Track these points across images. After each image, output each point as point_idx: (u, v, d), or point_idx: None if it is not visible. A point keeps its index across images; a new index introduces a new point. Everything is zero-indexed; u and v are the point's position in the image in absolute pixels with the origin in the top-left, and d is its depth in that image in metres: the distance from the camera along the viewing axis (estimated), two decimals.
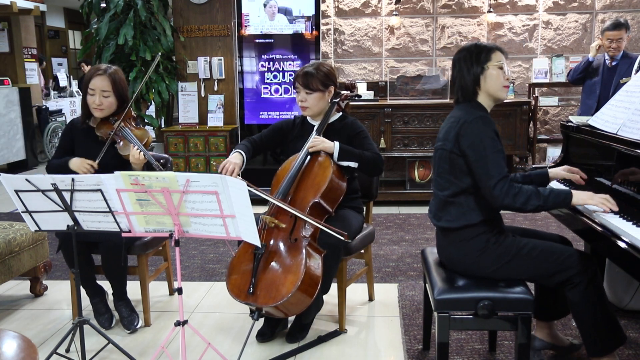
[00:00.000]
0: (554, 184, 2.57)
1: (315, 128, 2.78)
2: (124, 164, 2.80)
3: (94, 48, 6.02)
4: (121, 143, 2.80)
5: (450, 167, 2.16)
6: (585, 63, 4.64)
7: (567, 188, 2.11)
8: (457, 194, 2.15)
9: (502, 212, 2.22)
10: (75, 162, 2.78)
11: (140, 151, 2.71)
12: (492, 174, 2.03)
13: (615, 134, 2.30)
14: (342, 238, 2.47)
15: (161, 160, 2.99)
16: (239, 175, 2.62)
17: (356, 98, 2.99)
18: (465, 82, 2.20)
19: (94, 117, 2.87)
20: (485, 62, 2.17)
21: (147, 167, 2.76)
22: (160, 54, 3.36)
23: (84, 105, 2.86)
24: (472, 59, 2.18)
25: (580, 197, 2.07)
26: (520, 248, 2.13)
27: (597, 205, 2.06)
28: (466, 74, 2.19)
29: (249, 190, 2.00)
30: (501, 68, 2.18)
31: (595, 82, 4.58)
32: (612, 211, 2.04)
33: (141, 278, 2.88)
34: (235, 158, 2.67)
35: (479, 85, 2.19)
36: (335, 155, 2.65)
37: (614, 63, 4.49)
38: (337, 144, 2.66)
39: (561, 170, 2.48)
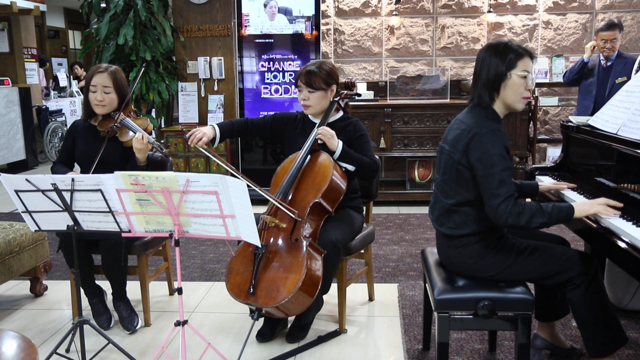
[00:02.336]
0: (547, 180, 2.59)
1: (316, 126, 2.77)
2: (127, 158, 2.82)
3: (94, 48, 6.02)
4: (123, 131, 2.81)
5: (457, 178, 2.11)
6: (580, 64, 4.65)
7: (568, 203, 2.08)
8: (461, 204, 2.12)
9: None
10: None
11: (143, 136, 2.72)
12: (498, 193, 1.97)
13: (616, 134, 2.30)
14: (294, 216, 2.50)
15: (162, 141, 3.01)
16: (205, 144, 2.65)
17: (356, 97, 2.99)
18: (484, 83, 2.10)
19: (95, 116, 2.89)
20: (510, 68, 2.07)
21: (151, 163, 2.77)
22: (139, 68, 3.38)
23: (86, 104, 2.88)
24: (498, 59, 2.07)
25: (582, 209, 2.04)
26: (520, 251, 2.12)
27: (600, 213, 2.02)
28: (487, 73, 2.09)
29: (248, 189, 2.00)
30: (525, 77, 2.07)
31: (591, 82, 4.60)
32: (618, 210, 2.03)
33: (141, 278, 2.88)
34: (207, 129, 2.72)
35: (498, 92, 2.09)
36: (336, 155, 2.65)
37: (609, 63, 4.51)
38: (340, 144, 2.66)
39: (549, 183, 2.51)
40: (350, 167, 2.68)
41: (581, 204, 2.06)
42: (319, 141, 2.70)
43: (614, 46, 4.43)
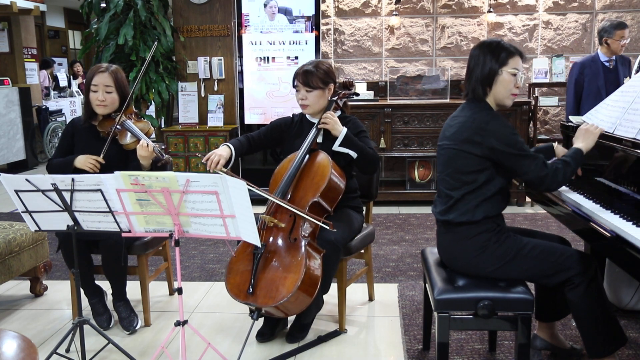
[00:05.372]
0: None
1: (315, 125, 2.77)
2: (128, 159, 2.81)
3: (94, 48, 6.02)
4: (123, 134, 2.81)
5: (463, 167, 2.15)
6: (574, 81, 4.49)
7: (573, 148, 2.24)
8: (467, 193, 2.16)
9: (501, 212, 2.23)
10: (80, 160, 2.79)
11: (148, 143, 2.71)
12: (540, 165, 2.09)
13: (612, 134, 2.31)
14: (328, 227, 2.48)
15: (163, 147, 3.00)
16: (224, 167, 2.60)
17: (354, 96, 2.99)
18: (478, 78, 2.18)
19: (96, 117, 2.88)
20: (501, 65, 2.16)
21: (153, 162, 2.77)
22: (156, 43, 3.30)
23: (87, 104, 2.87)
24: (491, 56, 2.16)
25: (588, 145, 2.24)
26: (520, 248, 2.13)
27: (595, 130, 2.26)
28: (481, 69, 2.17)
29: (248, 190, 2.00)
30: (514, 75, 2.17)
31: (600, 86, 4.46)
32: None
33: (141, 278, 2.88)
34: (222, 150, 2.64)
35: (490, 87, 2.18)
36: (340, 140, 2.65)
37: (612, 64, 4.45)
38: (344, 130, 2.66)
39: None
40: (353, 154, 2.67)
41: (582, 144, 2.24)
42: (324, 124, 2.67)
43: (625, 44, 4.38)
